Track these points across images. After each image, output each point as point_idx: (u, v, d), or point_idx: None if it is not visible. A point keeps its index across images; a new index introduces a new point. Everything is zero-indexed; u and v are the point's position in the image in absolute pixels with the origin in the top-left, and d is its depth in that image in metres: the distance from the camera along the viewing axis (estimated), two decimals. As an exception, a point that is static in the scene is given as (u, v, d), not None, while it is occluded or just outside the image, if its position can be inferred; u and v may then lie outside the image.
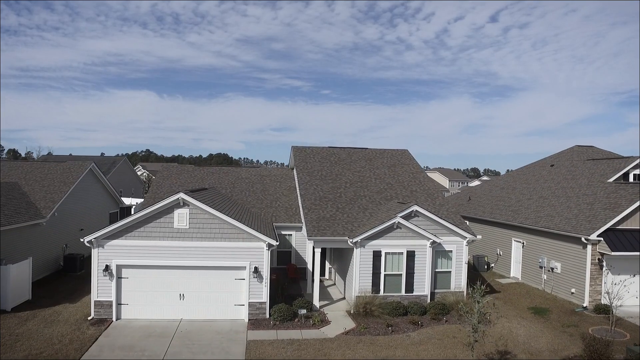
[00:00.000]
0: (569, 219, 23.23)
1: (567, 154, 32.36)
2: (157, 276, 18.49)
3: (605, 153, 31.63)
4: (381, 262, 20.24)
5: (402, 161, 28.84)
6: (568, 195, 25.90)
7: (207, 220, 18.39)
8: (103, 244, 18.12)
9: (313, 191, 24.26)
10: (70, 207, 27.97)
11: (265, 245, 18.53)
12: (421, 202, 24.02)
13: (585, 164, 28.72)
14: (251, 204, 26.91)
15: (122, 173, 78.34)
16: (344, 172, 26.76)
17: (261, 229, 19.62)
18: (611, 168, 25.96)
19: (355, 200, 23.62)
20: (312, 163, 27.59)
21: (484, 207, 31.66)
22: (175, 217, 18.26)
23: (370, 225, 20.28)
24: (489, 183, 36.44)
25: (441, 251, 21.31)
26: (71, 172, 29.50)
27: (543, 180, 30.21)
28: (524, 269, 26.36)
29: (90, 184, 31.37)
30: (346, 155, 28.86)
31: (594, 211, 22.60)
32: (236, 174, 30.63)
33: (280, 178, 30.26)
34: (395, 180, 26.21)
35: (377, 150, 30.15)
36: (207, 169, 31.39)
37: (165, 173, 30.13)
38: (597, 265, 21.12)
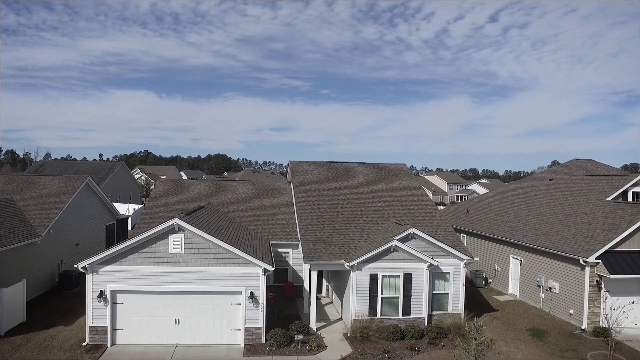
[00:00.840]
0: (567, 238, 23.10)
1: (566, 167, 32.25)
2: (152, 301, 18.33)
3: (604, 167, 31.53)
4: (378, 285, 20.09)
5: (400, 176, 28.70)
6: (566, 212, 25.78)
7: (202, 245, 18.22)
8: (97, 270, 17.95)
9: (310, 210, 24.10)
10: (65, 222, 27.77)
11: (261, 271, 18.37)
12: (419, 222, 23.89)
13: (584, 179, 28.60)
14: (248, 220, 26.75)
15: (119, 178, 78.27)
16: (342, 189, 26.60)
17: (257, 253, 19.48)
18: (610, 185, 25.84)
19: (353, 220, 23.47)
20: (309, 179, 27.43)
21: (482, 221, 31.53)
22: (170, 242, 18.10)
23: (367, 248, 20.13)
24: (487, 196, 36.33)
25: (438, 273, 21.18)
26: (67, 187, 29.30)
27: (541, 195, 30.09)
28: (522, 286, 26.23)
29: (86, 198, 31.15)
30: (344, 171, 28.72)
31: (592, 231, 22.48)
32: (233, 189, 30.46)
33: (277, 193, 30.10)
34: (393, 198, 26.06)
35: (374, 165, 30.00)
36: (204, 183, 31.21)
37: (161, 187, 29.95)
38: (596, 287, 21.00)
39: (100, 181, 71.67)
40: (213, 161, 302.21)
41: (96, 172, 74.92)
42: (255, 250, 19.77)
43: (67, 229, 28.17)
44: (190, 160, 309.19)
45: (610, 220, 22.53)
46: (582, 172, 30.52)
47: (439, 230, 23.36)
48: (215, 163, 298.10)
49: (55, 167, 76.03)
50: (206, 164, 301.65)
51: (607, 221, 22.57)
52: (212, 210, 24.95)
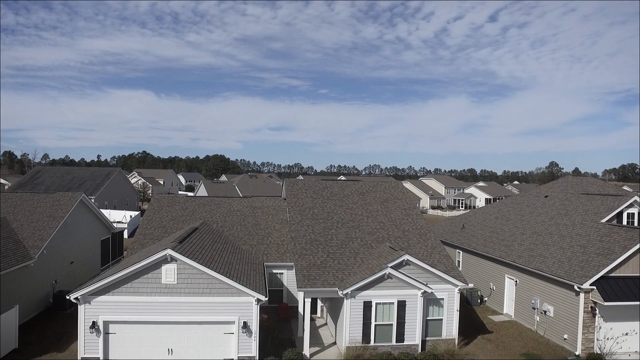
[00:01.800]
0: (562, 262, 23.08)
1: (562, 184, 32.25)
2: (145, 331, 18.25)
3: (599, 184, 31.52)
4: (372, 313, 20.05)
5: (395, 195, 28.65)
6: (562, 233, 25.75)
7: (195, 275, 18.15)
8: (90, 300, 17.86)
9: (304, 233, 24.05)
10: (59, 241, 27.67)
11: (254, 300, 18.31)
12: (413, 244, 23.85)
13: (579, 198, 28.59)
14: (242, 240, 26.68)
15: (116, 184, 78.15)
16: (336, 209, 26.54)
17: (250, 281, 19.40)
18: (605, 206, 25.83)
19: (347, 243, 23.41)
20: (304, 199, 27.37)
21: (478, 238, 31.51)
22: (163, 272, 18.02)
23: (361, 276, 20.08)
24: (483, 210, 36.30)
25: (432, 299, 21.13)
26: (60, 205, 29.18)
27: (537, 212, 30.07)
28: (517, 307, 26.21)
29: (80, 215, 31.03)
30: (338, 190, 28.65)
31: (587, 255, 22.45)
32: (228, 205, 30.36)
33: (272, 210, 30.01)
34: (388, 218, 26.01)
35: (369, 182, 29.93)
36: (199, 200, 31.10)
37: (156, 205, 29.84)
38: (590, 313, 20.98)
39: (97, 188, 71.63)
40: (211, 162, 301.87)
41: (93, 179, 74.85)
42: (248, 278, 19.69)
43: (62, 247, 28.07)
44: (188, 161, 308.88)
45: (605, 244, 22.51)
46: (577, 189, 30.51)
47: (434, 253, 23.32)
48: (213, 164, 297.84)
49: (51, 174, 75.85)
50: (204, 164, 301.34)
51: (601, 245, 22.55)
52: (206, 231, 24.86)
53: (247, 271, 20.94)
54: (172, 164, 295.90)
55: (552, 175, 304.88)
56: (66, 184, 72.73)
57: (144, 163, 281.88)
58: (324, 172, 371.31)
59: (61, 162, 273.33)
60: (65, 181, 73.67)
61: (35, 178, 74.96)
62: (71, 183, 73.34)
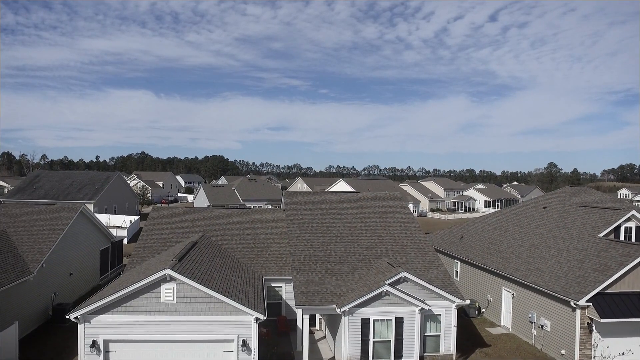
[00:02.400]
0: (559, 277, 23.21)
1: (560, 195, 32.39)
2: (145, 350, 18.35)
3: (598, 195, 31.66)
4: (370, 330, 20.18)
5: (394, 208, 28.77)
6: (559, 247, 25.90)
7: (194, 294, 18.26)
8: (89, 320, 17.97)
9: (303, 247, 24.17)
10: (59, 254, 27.75)
11: (253, 319, 18.43)
12: (411, 259, 23.98)
13: (577, 210, 28.73)
14: (241, 252, 26.81)
15: (115, 189, 78.23)
16: (335, 222, 26.66)
17: (249, 298, 19.51)
18: (603, 220, 25.97)
19: (345, 258, 23.54)
20: (303, 212, 27.48)
21: (476, 249, 31.64)
22: (162, 292, 18.13)
23: (359, 293, 20.21)
24: (482, 220, 36.43)
25: (430, 315, 21.27)
26: (60, 217, 29.25)
27: (535, 224, 30.21)
28: (515, 319, 26.34)
29: (80, 226, 31.11)
30: (337, 202, 28.77)
31: (583, 270, 22.59)
32: (227, 217, 30.47)
33: (271, 222, 30.12)
34: (386, 233, 26.13)
35: (368, 194, 30.06)
36: (198, 211, 31.21)
37: (155, 217, 29.93)
38: (587, 329, 21.12)
39: (97, 192, 71.69)
40: (210, 163, 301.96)
41: (92, 183, 74.86)
42: (247, 295, 19.81)
43: (61, 260, 28.16)
44: (187, 162, 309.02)
45: (601, 259, 22.65)
46: (575, 200, 30.65)
47: (431, 268, 23.45)
48: (212, 165, 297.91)
49: (51, 178, 75.92)
50: (203, 165, 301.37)
51: (598, 260, 22.69)
52: (205, 245, 24.97)
53: (245, 287, 21.06)
54: (171, 164, 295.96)
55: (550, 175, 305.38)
56: (65, 189, 72.85)
57: (143, 164, 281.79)
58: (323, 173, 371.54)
59: (60, 162, 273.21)
60: (64, 185, 73.77)
61: (34, 182, 75.01)
62: (70, 187, 73.43)
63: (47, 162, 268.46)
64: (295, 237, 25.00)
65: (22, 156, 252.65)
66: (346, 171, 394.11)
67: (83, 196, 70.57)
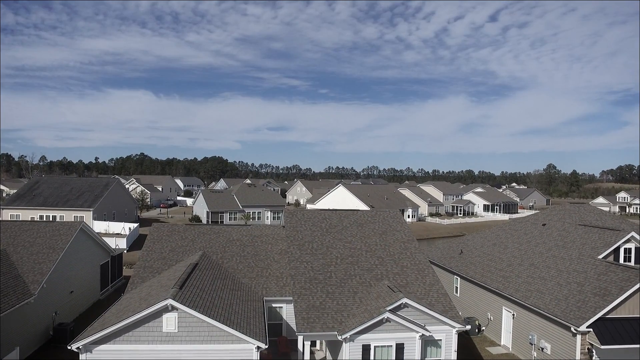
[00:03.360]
0: (559, 300, 23.27)
1: (559, 212, 32.45)
2: (145, 379, 18.38)
3: (597, 212, 31.72)
4: (370, 356, 20.21)
5: (394, 226, 28.81)
6: (559, 268, 25.95)
7: (195, 323, 18.28)
8: (91, 349, 17.97)
9: (303, 270, 24.22)
10: (59, 273, 27.75)
11: (255, 348, 18.47)
12: (411, 282, 24.02)
13: (577, 229, 28.79)
14: (242, 272, 26.81)
15: (115, 195, 78.21)
16: (335, 243, 26.69)
17: (250, 326, 19.53)
18: (602, 241, 26.03)
19: (346, 281, 23.58)
20: (303, 231, 27.52)
21: (475, 265, 31.69)
22: (164, 321, 18.16)
23: (360, 320, 20.25)
24: (481, 236, 36.48)
25: (431, 340, 21.29)
26: (60, 235, 29.25)
27: (534, 242, 30.26)
28: (515, 339, 26.39)
29: (80, 242, 31.11)
30: (337, 220, 28.80)
31: (584, 294, 22.65)
32: (227, 235, 30.47)
33: (271, 239, 30.13)
34: (387, 253, 26.17)
35: (368, 212, 30.11)
36: (198, 229, 31.21)
37: (156, 235, 29.92)
38: (587, 355, 21.18)
39: (96, 199, 71.66)
40: (209, 164, 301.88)
41: (91, 190, 74.83)
42: (249, 322, 19.83)
43: (62, 278, 28.17)
44: (186, 163, 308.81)
45: (602, 283, 22.71)
46: (575, 218, 30.71)
47: (431, 291, 23.50)
48: (211, 166, 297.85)
49: (50, 184, 75.88)
50: (202, 166, 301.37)
51: (598, 284, 22.74)
52: (206, 266, 24.98)
53: (247, 313, 21.08)
54: (170, 166, 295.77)
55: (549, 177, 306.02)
56: (64, 195, 72.82)
57: (142, 165, 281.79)
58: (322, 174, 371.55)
59: (59, 164, 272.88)
60: (63, 192, 73.73)
61: (33, 189, 74.97)
62: (69, 194, 73.40)
63: (46, 163, 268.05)
64: (296, 259, 25.03)
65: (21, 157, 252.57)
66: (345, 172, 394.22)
67: (82, 203, 70.59)
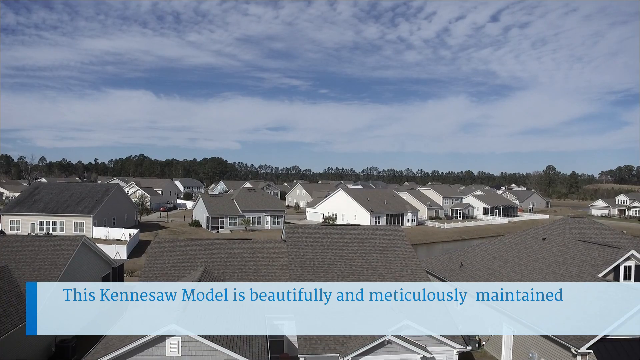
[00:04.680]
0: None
1: (559, 226, 32.55)
2: (148, 402, 18.45)
3: (597, 227, 31.82)
4: (372, 378, 20.31)
5: (394, 242, 28.91)
6: (559, 285, 26.01)
7: (199, 347, 18.34)
8: (94, 374, 18.05)
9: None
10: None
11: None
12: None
13: (577, 245, 28.89)
14: (243, 287, 26.86)
15: (115, 200, 78.25)
16: (336, 260, 26.78)
17: (253, 348, 19.62)
18: (602, 259, 26.14)
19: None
20: (304, 248, 27.61)
21: (476, 279, 31.75)
22: (168, 345, 18.23)
23: (362, 342, 20.35)
24: (481, 248, 36.59)
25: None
26: (62, 250, 29.31)
27: (534, 257, 30.36)
28: (515, 356, 26.39)
29: (82, 257, 31.16)
30: (338, 237, 28.89)
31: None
32: (229, 249, 30.54)
33: (272, 254, 30.19)
34: (387, 270, 26.28)
35: (369, 228, 30.20)
36: (199, 243, 31.26)
37: (157, 250, 29.99)
38: (587, 376, 21.27)
39: (96, 205, 71.70)
40: (209, 165, 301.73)
41: (91, 195, 74.86)
42: (251, 344, 19.92)
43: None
44: (185, 164, 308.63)
45: (602, 303, 22.81)
46: (575, 233, 30.81)
47: (432, 309, 23.59)
48: (211, 167, 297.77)
49: (50, 190, 75.91)
50: (202, 167, 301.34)
51: (599, 304, 22.84)
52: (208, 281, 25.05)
53: (249, 332, 21.14)
54: (170, 167, 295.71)
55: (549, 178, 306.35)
56: (64, 201, 72.83)
57: (142, 166, 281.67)
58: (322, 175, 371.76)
59: (58, 165, 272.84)
60: (63, 198, 73.75)
61: (33, 195, 74.99)
62: (70, 200, 73.41)
63: (45, 164, 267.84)
64: (297, 277, 25.13)
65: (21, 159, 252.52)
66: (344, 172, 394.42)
67: (82, 209, 70.63)
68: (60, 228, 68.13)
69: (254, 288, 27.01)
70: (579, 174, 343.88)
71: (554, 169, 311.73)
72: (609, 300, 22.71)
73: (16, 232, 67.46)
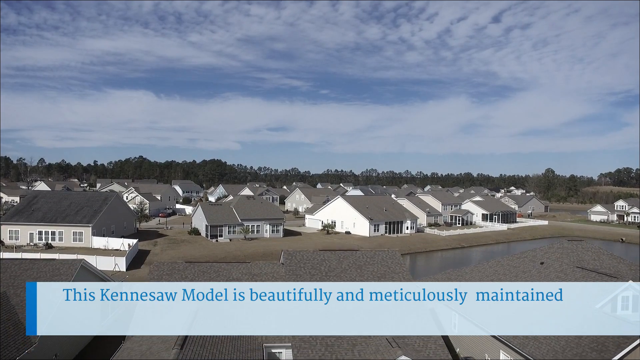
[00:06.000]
0: (556, 351, 23.41)
1: (557, 251, 32.60)
2: None
3: (595, 250, 31.86)
4: (369, 414, 20.35)
5: (392, 268, 28.95)
6: (557, 316, 26.07)
7: (195, 387, 18.44)
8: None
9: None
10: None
11: (254, 412, 18.63)
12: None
13: (575, 272, 28.93)
14: (241, 315, 26.88)
15: (113, 209, 78.28)
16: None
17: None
18: (600, 288, 26.17)
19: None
20: (302, 275, 27.65)
21: (473, 303, 31.77)
22: (164, 386, 18.30)
23: (359, 379, 20.38)
24: (479, 269, 36.59)
25: (429, 396, 21.45)
26: (60, 274, 29.34)
27: (532, 282, 30.37)
28: (512, 385, 26.53)
29: (81, 279, 31.17)
30: (337, 263, 28.93)
31: (581, 348, 22.79)
32: (227, 273, 30.51)
33: (270, 278, 30.21)
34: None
35: (367, 253, 30.23)
36: (198, 267, 31.24)
37: (156, 273, 29.99)
38: (583, 411, 21.33)
39: (95, 214, 71.73)
40: (208, 167, 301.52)
41: (90, 204, 74.90)
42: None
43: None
44: (185, 166, 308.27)
45: (599, 337, 22.85)
46: (572, 257, 30.85)
47: (430, 342, 23.63)
48: (210, 169, 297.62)
49: (48, 199, 75.91)
50: (201, 169, 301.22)
51: (596, 338, 22.89)
52: (206, 311, 25.10)
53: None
54: (169, 169, 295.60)
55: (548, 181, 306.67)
56: (63, 210, 72.83)
57: (141, 168, 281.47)
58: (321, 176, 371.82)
59: (57, 166, 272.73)
60: (62, 207, 73.76)
61: (32, 204, 75.01)
62: (68, 209, 73.42)
63: (44, 166, 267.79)
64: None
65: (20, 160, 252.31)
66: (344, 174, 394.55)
67: (81, 219, 70.66)
68: (60, 238, 68.15)
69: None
70: (577, 176, 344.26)
71: (553, 172, 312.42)
72: (606, 334, 22.73)
73: (15, 242, 67.50)
